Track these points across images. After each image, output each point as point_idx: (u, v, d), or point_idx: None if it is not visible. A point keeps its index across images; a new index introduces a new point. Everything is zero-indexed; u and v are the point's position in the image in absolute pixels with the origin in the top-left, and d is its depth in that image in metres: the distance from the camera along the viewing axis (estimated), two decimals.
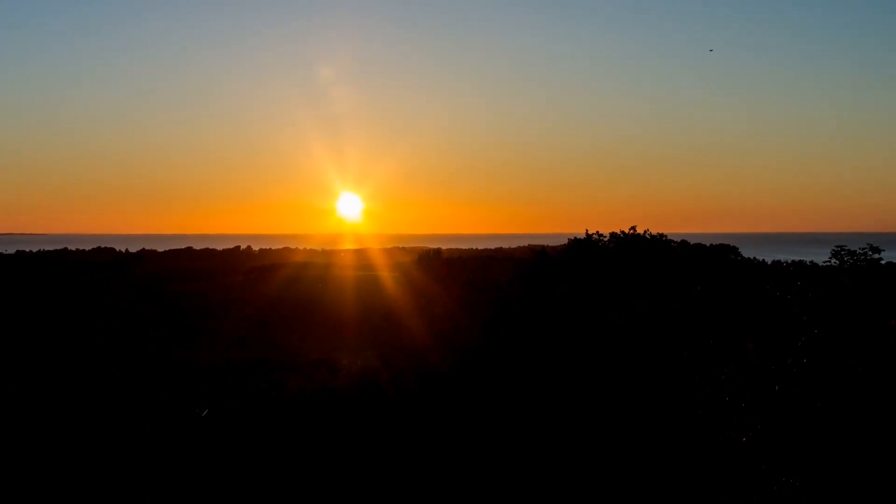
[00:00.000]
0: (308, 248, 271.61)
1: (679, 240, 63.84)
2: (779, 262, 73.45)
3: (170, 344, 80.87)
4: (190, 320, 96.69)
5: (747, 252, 74.19)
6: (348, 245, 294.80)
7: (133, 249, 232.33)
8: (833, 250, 38.57)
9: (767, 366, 28.45)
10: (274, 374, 63.22)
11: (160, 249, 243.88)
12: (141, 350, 73.42)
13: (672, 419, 36.49)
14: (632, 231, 59.89)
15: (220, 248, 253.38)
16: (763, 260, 73.25)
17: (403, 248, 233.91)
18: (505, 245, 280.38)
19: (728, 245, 66.74)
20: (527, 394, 44.93)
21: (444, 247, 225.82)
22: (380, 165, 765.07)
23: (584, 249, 59.78)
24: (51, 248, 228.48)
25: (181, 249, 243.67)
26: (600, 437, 39.39)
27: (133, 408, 52.96)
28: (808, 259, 71.24)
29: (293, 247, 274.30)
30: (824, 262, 40.93)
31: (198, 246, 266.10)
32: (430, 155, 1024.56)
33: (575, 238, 62.16)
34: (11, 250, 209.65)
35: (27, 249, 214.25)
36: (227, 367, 68.04)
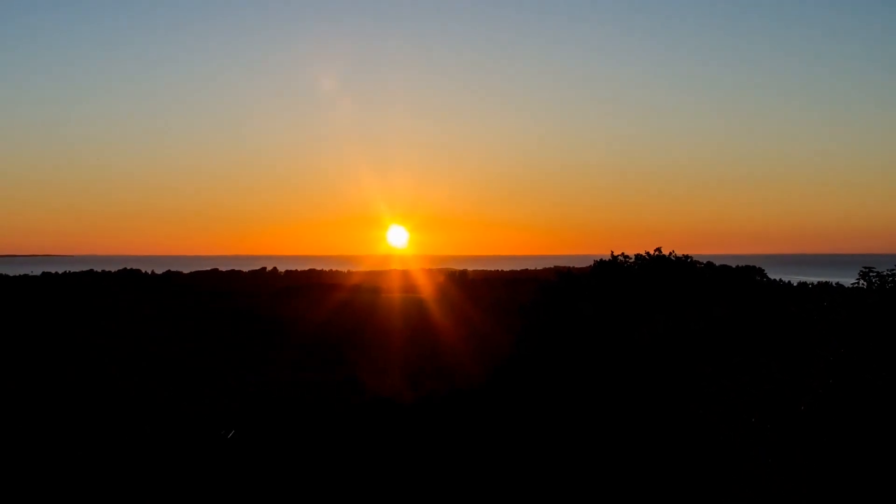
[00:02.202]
0: (334, 269, 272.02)
1: (705, 261, 63.72)
2: (804, 283, 73.02)
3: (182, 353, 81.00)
4: (209, 343, 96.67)
5: (774, 273, 73.78)
6: (372, 266, 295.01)
7: (159, 271, 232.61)
8: (861, 271, 38.33)
9: (793, 385, 28.38)
10: (294, 393, 63.19)
11: (186, 271, 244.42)
12: (176, 365, 73.54)
13: (686, 429, 36.51)
14: (657, 252, 59.89)
15: (245, 269, 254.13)
16: (789, 281, 72.88)
17: (429, 270, 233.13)
18: (531, 266, 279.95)
19: (753, 266, 66.33)
20: (547, 407, 45.21)
21: (469, 268, 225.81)
22: (403, 185, 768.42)
23: (609, 271, 59.73)
24: (77, 269, 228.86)
25: (208, 271, 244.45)
26: (616, 444, 39.43)
27: (138, 409, 53.19)
28: (834, 280, 70.70)
29: (318, 268, 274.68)
30: (852, 283, 40.68)
31: (224, 267, 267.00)
32: (453, 175, 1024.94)
33: (600, 260, 62.15)
34: (38, 271, 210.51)
35: (53, 271, 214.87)
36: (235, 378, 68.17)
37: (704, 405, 33.34)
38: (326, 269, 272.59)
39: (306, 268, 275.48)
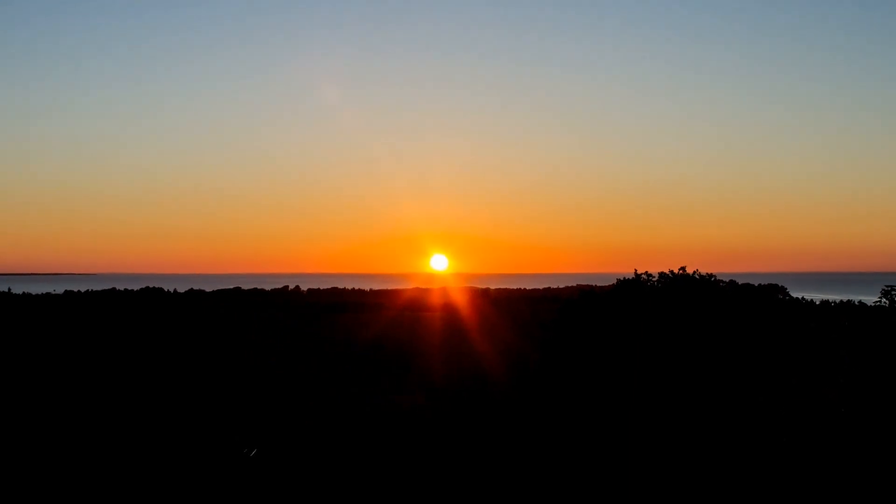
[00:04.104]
0: (357, 287, 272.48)
1: (728, 279, 63.87)
2: (827, 301, 73.17)
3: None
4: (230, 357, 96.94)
5: (798, 291, 73.95)
6: (398, 284, 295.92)
7: (181, 289, 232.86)
8: (882, 290, 38.56)
9: (811, 397, 28.84)
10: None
11: (208, 290, 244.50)
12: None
13: (693, 433, 36.91)
14: (681, 271, 60.06)
15: (268, 287, 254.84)
16: (811, 300, 73.05)
17: (453, 289, 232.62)
18: (553, 284, 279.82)
19: (776, 285, 66.52)
20: (556, 417, 45.98)
21: (492, 286, 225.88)
22: (422, 202, 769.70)
23: (632, 289, 59.93)
24: (99, 287, 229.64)
25: (230, 290, 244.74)
26: (620, 451, 39.89)
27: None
28: (857, 299, 70.83)
29: (341, 286, 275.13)
30: (874, 301, 40.90)
31: (246, 285, 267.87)
32: (474, 193, 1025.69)
33: (623, 278, 62.39)
34: (60, 290, 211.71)
35: (76, 289, 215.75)
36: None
37: (721, 414, 33.72)
38: (349, 287, 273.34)
39: (328, 286, 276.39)
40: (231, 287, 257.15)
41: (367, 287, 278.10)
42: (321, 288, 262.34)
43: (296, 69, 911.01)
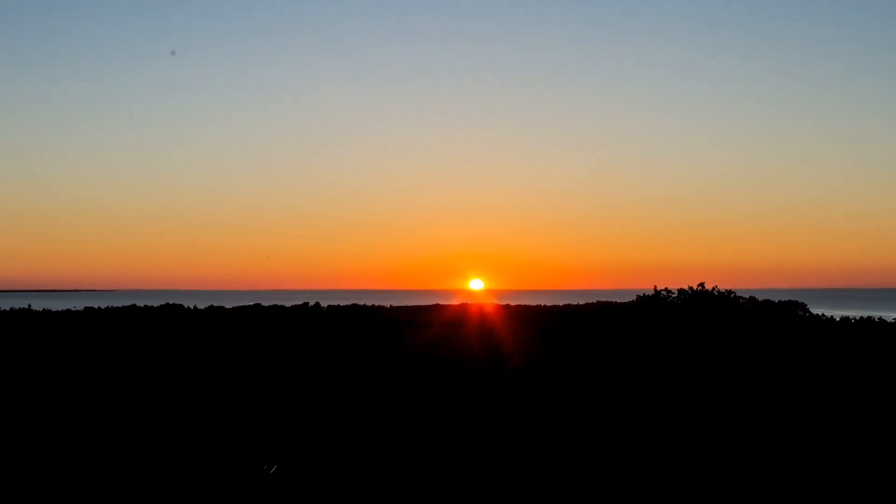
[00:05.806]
0: (376, 303, 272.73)
1: (748, 296, 63.99)
2: (847, 318, 73.09)
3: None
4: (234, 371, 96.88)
5: (819, 308, 73.77)
6: (409, 300, 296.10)
7: (201, 305, 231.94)
8: None
9: (812, 400, 29.02)
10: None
11: (228, 306, 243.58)
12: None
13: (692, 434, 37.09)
14: (700, 287, 60.21)
15: (288, 303, 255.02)
16: (831, 316, 72.93)
17: (474, 305, 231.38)
18: (574, 301, 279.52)
19: (796, 301, 66.54)
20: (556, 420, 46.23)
21: (514, 302, 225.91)
22: (443, 212, 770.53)
23: (651, 305, 60.11)
24: (119, 304, 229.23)
25: (250, 306, 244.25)
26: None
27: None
28: (877, 315, 70.62)
29: (361, 302, 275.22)
30: (894, 317, 40.86)
31: (266, 301, 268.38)
32: (492, 206, 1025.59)
33: (642, 294, 62.64)
34: (80, 306, 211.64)
35: (96, 306, 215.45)
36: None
37: (721, 414, 33.89)
38: (369, 303, 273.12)
39: (348, 302, 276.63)
40: (251, 303, 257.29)
41: (386, 303, 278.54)
42: (341, 304, 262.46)
43: (319, 83, 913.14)
